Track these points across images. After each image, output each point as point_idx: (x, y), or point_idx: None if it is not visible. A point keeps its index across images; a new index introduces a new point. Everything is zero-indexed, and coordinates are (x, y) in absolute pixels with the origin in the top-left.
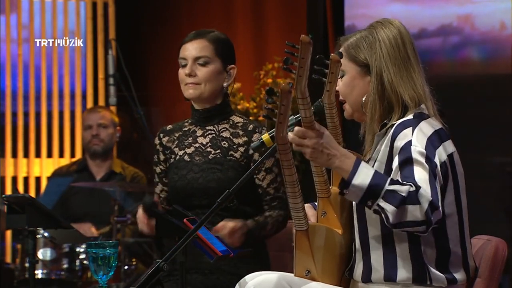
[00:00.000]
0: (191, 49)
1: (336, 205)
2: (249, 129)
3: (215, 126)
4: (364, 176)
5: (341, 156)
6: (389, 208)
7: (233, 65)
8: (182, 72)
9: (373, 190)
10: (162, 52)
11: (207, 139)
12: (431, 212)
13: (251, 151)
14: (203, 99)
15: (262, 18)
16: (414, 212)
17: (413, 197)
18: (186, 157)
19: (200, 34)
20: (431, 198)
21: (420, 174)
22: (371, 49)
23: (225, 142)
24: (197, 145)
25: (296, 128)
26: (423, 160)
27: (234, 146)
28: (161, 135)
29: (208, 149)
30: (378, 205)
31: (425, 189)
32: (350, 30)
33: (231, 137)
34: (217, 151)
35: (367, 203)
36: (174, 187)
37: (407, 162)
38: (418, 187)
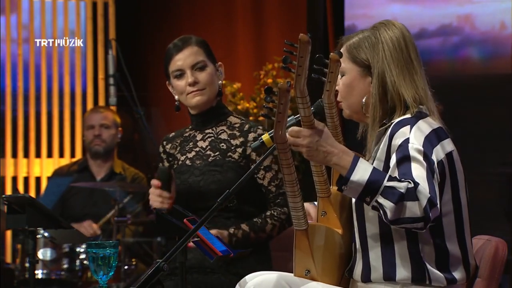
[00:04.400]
0: (184, 58)
1: (336, 205)
2: (245, 129)
3: (214, 128)
4: (362, 172)
5: (339, 153)
6: (387, 204)
7: (219, 62)
8: (181, 84)
9: (372, 186)
10: (162, 52)
11: (207, 143)
12: (430, 208)
13: (248, 151)
14: (208, 102)
15: (262, 18)
16: (413, 209)
17: (412, 193)
18: (187, 162)
19: (185, 41)
20: (429, 195)
21: (418, 171)
22: (374, 50)
23: (223, 144)
24: (197, 149)
25: (291, 127)
26: (420, 157)
27: (232, 148)
28: (164, 142)
29: (208, 152)
30: (376, 201)
31: (423, 186)
32: (350, 30)
33: (228, 138)
34: (216, 154)
35: (366, 200)
36: (177, 192)
37: (404, 159)
38: (416, 184)
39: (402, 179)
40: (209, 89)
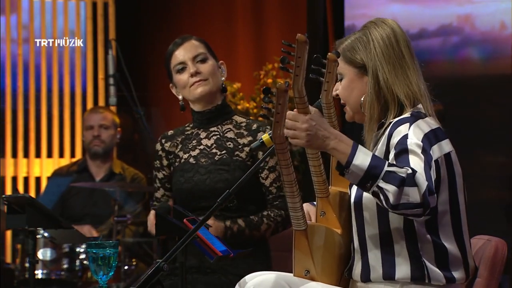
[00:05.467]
0: (186, 51)
1: (335, 205)
2: (253, 128)
3: (219, 127)
4: (363, 157)
5: (335, 138)
6: (390, 188)
7: (221, 61)
8: (183, 77)
9: (373, 171)
10: (162, 52)
11: (212, 141)
12: (428, 195)
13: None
14: (211, 95)
15: (262, 18)
16: (413, 194)
17: (411, 179)
18: (191, 160)
19: (185, 38)
20: (427, 182)
21: (415, 162)
22: (366, 50)
23: (230, 142)
24: (201, 147)
25: (288, 111)
26: (418, 150)
27: (239, 147)
28: (163, 140)
29: (214, 151)
30: (378, 186)
31: (421, 174)
32: (350, 30)
33: (235, 137)
34: (223, 152)
35: (366, 185)
36: (181, 190)
37: (402, 152)
38: (414, 171)
39: (401, 166)
40: (212, 80)
